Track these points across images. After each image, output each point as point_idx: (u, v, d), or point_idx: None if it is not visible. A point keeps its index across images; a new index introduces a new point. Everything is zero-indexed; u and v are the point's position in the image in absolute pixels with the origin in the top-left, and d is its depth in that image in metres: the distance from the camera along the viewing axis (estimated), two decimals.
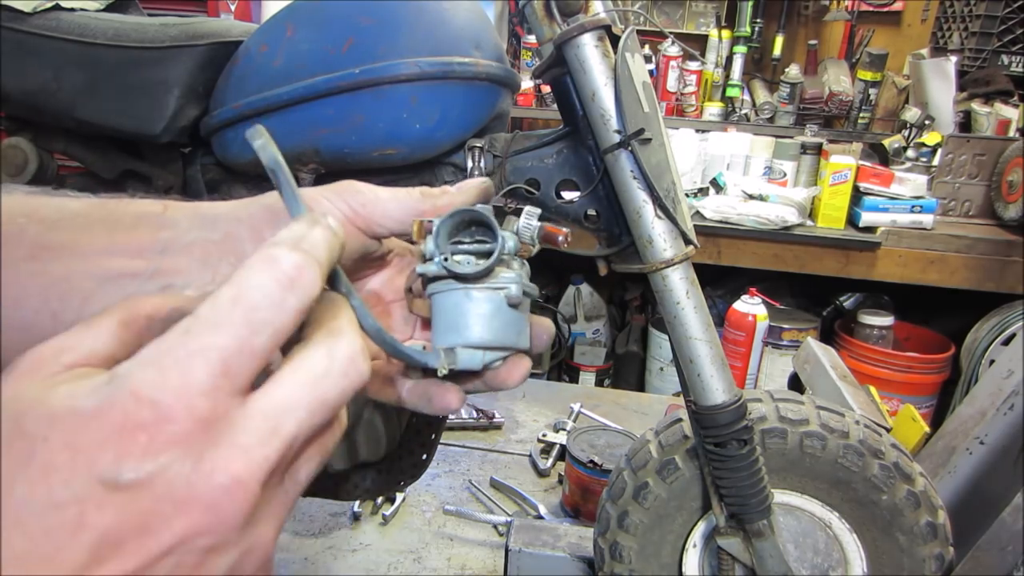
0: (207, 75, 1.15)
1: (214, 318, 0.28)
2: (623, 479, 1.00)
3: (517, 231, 0.48)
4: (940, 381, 2.52)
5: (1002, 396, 1.18)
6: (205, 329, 0.28)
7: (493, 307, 0.44)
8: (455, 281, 0.45)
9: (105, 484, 0.25)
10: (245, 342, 0.28)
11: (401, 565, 1.37)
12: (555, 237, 0.49)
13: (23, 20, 1.10)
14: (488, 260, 0.44)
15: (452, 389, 0.47)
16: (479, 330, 0.44)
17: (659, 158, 0.80)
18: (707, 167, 2.63)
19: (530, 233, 0.48)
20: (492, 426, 1.85)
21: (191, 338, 0.27)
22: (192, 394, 0.27)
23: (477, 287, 0.44)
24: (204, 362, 0.27)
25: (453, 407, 0.47)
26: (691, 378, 0.85)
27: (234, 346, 0.28)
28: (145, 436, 0.26)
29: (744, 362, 2.46)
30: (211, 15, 2.83)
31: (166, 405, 0.26)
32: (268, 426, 0.28)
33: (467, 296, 0.44)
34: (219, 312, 0.28)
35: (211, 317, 0.28)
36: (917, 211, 2.36)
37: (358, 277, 0.51)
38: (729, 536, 0.92)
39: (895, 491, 0.92)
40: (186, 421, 0.26)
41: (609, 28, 0.78)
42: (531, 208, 0.48)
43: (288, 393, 0.29)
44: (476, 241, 0.47)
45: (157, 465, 0.26)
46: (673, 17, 3.08)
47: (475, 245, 0.46)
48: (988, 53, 2.70)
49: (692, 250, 0.82)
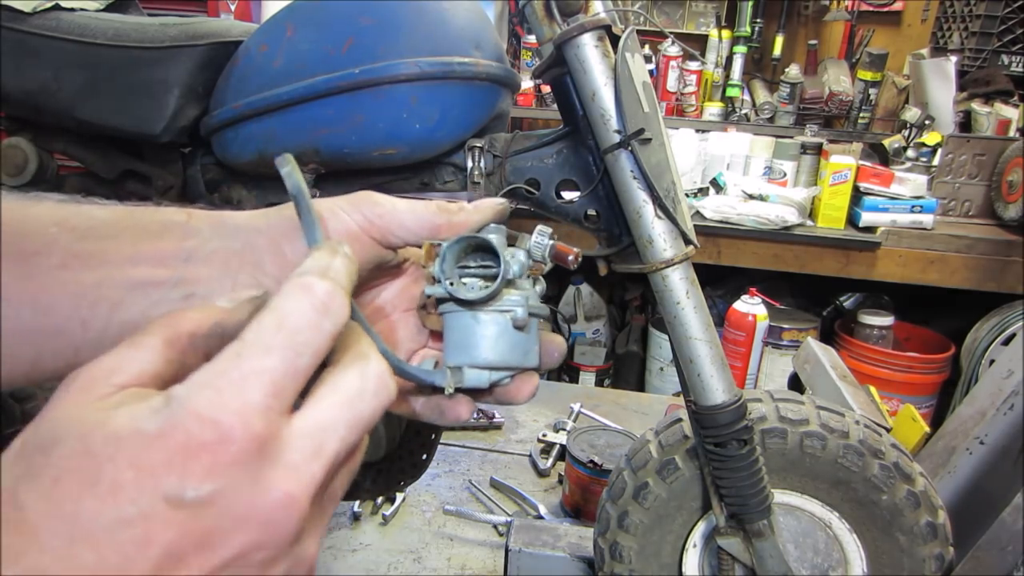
0: (207, 75, 1.15)
1: (262, 342, 0.30)
2: (623, 479, 1.00)
3: (529, 249, 0.48)
4: (940, 381, 2.52)
5: (1002, 396, 1.18)
6: (255, 352, 0.29)
7: (499, 329, 0.46)
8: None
9: (170, 502, 0.27)
10: (291, 364, 0.30)
11: (401, 565, 1.37)
12: (565, 257, 0.49)
13: (23, 20, 1.10)
14: (493, 284, 0.45)
15: (462, 401, 0.49)
16: (485, 351, 0.46)
17: (659, 158, 0.80)
18: (707, 167, 2.63)
19: (541, 252, 0.49)
20: (492, 426, 1.85)
21: (243, 361, 0.29)
22: (249, 414, 0.28)
23: (483, 310, 0.45)
24: (258, 383, 0.29)
25: (463, 418, 0.49)
26: (691, 378, 0.85)
27: (282, 368, 0.30)
28: (207, 456, 0.27)
29: (744, 362, 2.46)
30: (211, 15, 2.83)
31: (226, 425, 0.27)
32: (314, 444, 0.30)
33: (474, 318, 0.46)
34: (265, 336, 0.30)
35: (259, 341, 0.30)
36: (917, 211, 2.36)
37: (373, 285, 0.52)
38: (729, 536, 0.92)
39: (895, 491, 0.92)
40: (244, 441, 0.28)
41: (609, 28, 0.78)
42: (543, 227, 0.49)
43: (328, 413, 0.31)
44: (482, 266, 0.48)
45: (219, 484, 0.27)
46: (673, 17, 3.08)
47: (481, 269, 0.47)
48: (988, 53, 2.70)
49: (692, 250, 0.82)
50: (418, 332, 0.54)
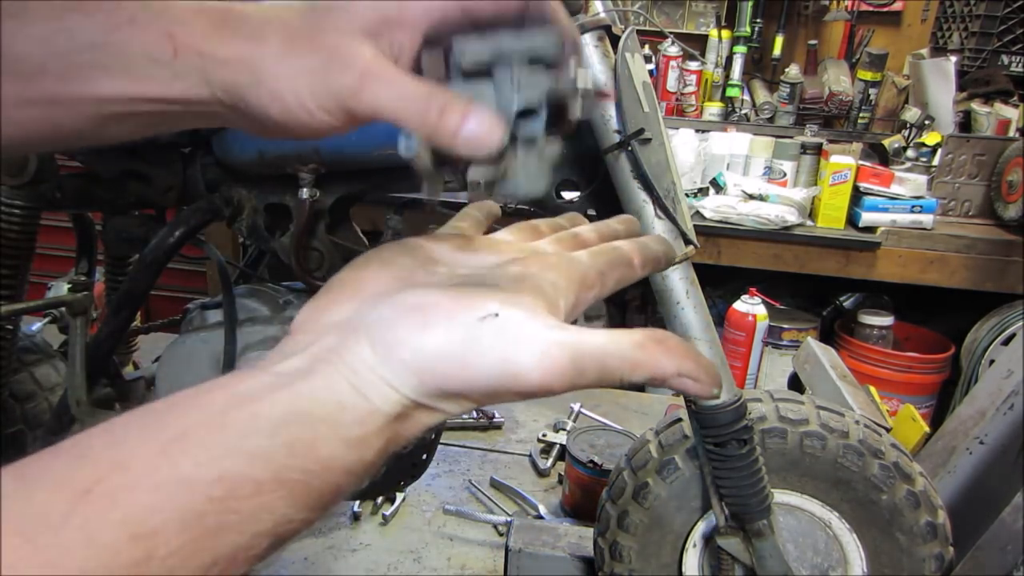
0: None
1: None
2: (623, 479, 1.00)
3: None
4: (940, 381, 2.52)
5: (1002, 396, 1.18)
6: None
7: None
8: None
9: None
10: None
11: (401, 565, 1.37)
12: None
13: None
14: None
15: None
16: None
17: (659, 158, 0.80)
18: (707, 167, 2.63)
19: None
20: (492, 426, 1.85)
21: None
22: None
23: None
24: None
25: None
26: None
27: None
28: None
29: (744, 362, 2.46)
30: None
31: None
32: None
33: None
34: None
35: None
36: (917, 211, 2.36)
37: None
38: (729, 536, 0.92)
39: (895, 491, 0.92)
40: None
41: (609, 28, 0.78)
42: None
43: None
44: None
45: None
46: (673, 17, 3.08)
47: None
48: (988, 53, 2.70)
49: (692, 250, 0.82)
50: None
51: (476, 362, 0.35)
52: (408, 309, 0.37)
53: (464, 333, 0.36)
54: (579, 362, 0.36)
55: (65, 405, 1.13)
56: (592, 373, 0.37)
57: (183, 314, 1.16)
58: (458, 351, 0.35)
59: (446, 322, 0.36)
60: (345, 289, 0.41)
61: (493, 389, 0.36)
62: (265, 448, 0.33)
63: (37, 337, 1.45)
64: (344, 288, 0.41)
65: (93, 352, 1.12)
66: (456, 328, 0.36)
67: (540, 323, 0.37)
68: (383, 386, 0.36)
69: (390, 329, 0.37)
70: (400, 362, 0.36)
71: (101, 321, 1.20)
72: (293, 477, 0.33)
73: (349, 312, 0.39)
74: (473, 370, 0.35)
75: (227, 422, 0.33)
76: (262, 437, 0.33)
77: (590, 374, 0.37)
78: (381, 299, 0.38)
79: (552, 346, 0.36)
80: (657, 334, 0.38)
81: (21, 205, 1.05)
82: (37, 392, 1.37)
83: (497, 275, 0.41)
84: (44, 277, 2.17)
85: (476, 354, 0.35)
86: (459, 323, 0.36)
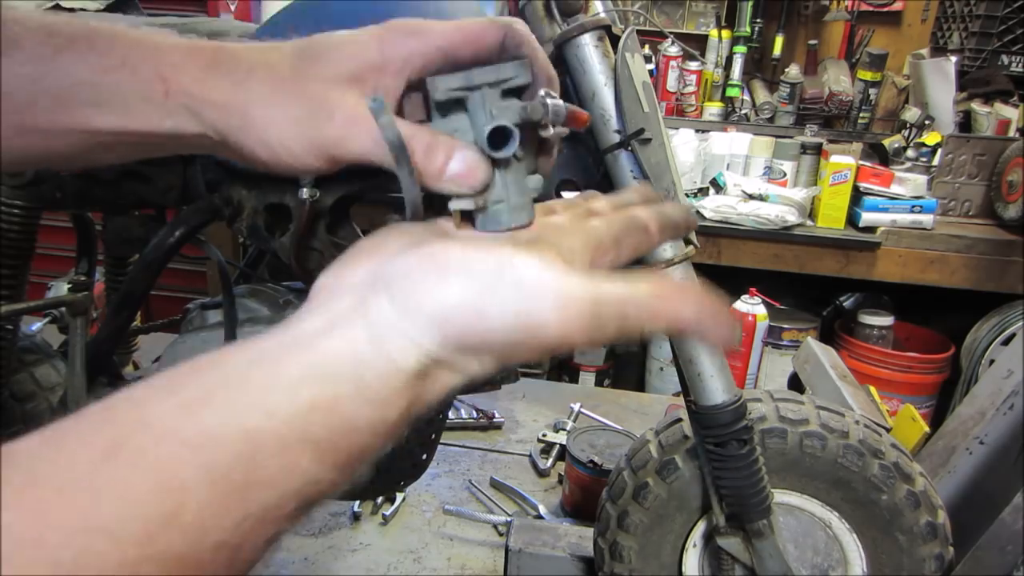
0: None
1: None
2: (623, 479, 1.00)
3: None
4: (940, 381, 2.52)
5: (1002, 396, 1.18)
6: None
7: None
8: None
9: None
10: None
11: (401, 565, 1.37)
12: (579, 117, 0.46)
13: None
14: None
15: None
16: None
17: (659, 158, 0.80)
18: (707, 167, 2.63)
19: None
20: (492, 426, 1.85)
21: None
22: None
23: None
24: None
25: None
26: (691, 378, 0.85)
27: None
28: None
29: (744, 362, 2.46)
30: (211, 15, 2.83)
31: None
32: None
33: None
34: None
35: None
36: (917, 211, 2.36)
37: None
38: (729, 536, 0.92)
39: (895, 491, 0.92)
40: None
41: (609, 28, 0.78)
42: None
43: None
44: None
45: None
46: (673, 17, 3.08)
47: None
48: (988, 53, 2.70)
49: (692, 250, 0.82)
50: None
51: (494, 312, 0.35)
52: (426, 260, 0.38)
53: (482, 284, 0.36)
54: (599, 312, 0.36)
55: (65, 405, 1.13)
56: (612, 324, 0.37)
57: (183, 314, 1.16)
58: (476, 301, 0.36)
59: (464, 272, 0.36)
60: (362, 254, 0.41)
61: (513, 341, 0.36)
62: (286, 406, 0.33)
63: (37, 337, 1.45)
64: (361, 253, 0.41)
65: (93, 352, 1.12)
66: (474, 278, 0.36)
67: (558, 273, 0.37)
68: (404, 341, 0.36)
69: (408, 280, 0.37)
70: (419, 313, 0.36)
71: (101, 321, 1.20)
72: (317, 434, 0.33)
73: (367, 273, 0.39)
74: (492, 320, 0.35)
75: (248, 381, 0.33)
76: (283, 394, 0.33)
77: (610, 325, 0.37)
78: (398, 256, 0.39)
79: (571, 297, 0.36)
80: (676, 282, 0.39)
81: (21, 205, 1.05)
82: (37, 392, 1.37)
83: (512, 240, 0.41)
84: (44, 277, 2.17)
85: (494, 305, 0.35)
86: (477, 273, 0.36)
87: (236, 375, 0.34)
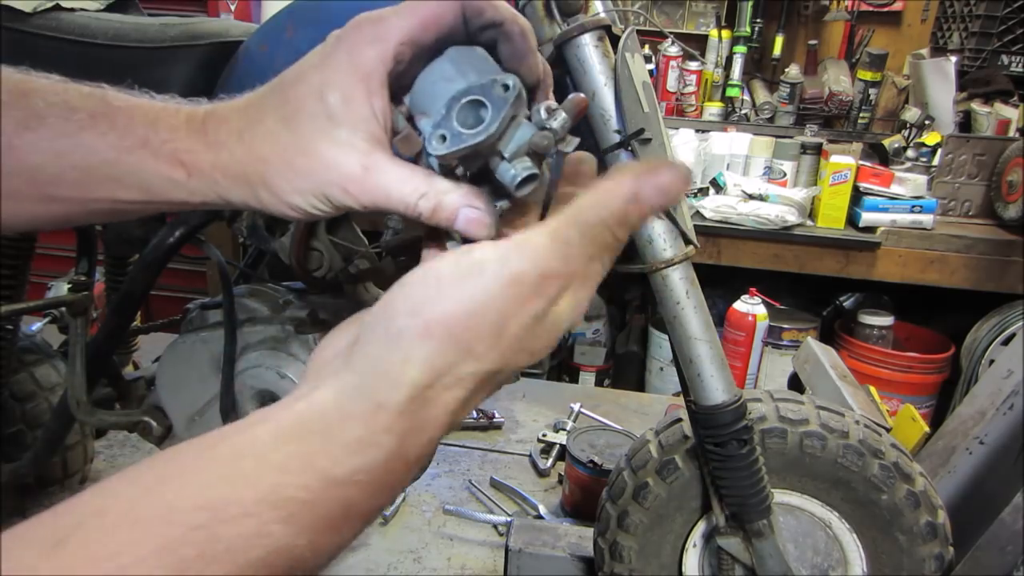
0: (207, 75, 1.15)
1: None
2: (623, 479, 1.00)
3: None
4: (940, 381, 2.52)
5: (1002, 396, 1.18)
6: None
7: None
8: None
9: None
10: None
11: (401, 565, 1.37)
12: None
13: (23, 20, 1.10)
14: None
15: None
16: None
17: (659, 158, 0.80)
18: (707, 167, 2.63)
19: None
20: (492, 426, 1.85)
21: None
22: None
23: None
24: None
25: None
26: (691, 378, 0.85)
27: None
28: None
29: (744, 362, 2.46)
30: (211, 15, 2.83)
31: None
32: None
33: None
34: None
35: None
36: (917, 211, 2.36)
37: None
38: (729, 536, 0.92)
39: (895, 491, 0.92)
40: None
41: (609, 28, 0.78)
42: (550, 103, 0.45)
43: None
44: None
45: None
46: (673, 17, 3.08)
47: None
48: (988, 53, 2.70)
49: (692, 250, 0.82)
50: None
51: (465, 296, 0.37)
52: (397, 291, 0.38)
53: (447, 280, 0.38)
54: (570, 235, 0.39)
55: (65, 405, 1.13)
56: (587, 244, 0.39)
57: (183, 314, 1.16)
58: (446, 294, 0.37)
59: (433, 280, 0.38)
60: (343, 325, 0.42)
61: (500, 314, 0.37)
62: (253, 470, 0.32)
63: (37, 337, 1.45)
64: (342, 325, 0.42)
65: (93, 352, 1.12)
66: (441, 280, 0.38)
67: (509, 243, 0.39)
68: (390, 375, 0.35)
69: (388, 312, 0.37)
70: (403, 335, 0.36)
71: (101, 321, 1.20)
72: (289, 495, 0.32)
73: (351, 335, 0.40)
74: (463, 304, 0.37)
75: (216, 454, 0.33)
76: (250, 461, 0.32)
77: (587, 246, 0.39)
78: (376, 306, 0.39)
79: (528, 241, 0.39)
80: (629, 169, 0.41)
81: None
82: (37, 392, 1.37)
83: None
84: (44, 277, 2.17)
85: (462, 290, 0.37)
86: (442, 275, 0.38)
87: (205, 449, 0.33)
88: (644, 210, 0.39)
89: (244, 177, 0.44)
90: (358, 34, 0.43)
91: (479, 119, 0.41)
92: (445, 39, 0.44)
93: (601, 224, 0.39)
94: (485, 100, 0.41)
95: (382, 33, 0.42)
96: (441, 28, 0.43)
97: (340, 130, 0.42)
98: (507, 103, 0.40)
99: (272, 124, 0.43)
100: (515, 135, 0.42)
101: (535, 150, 0.42)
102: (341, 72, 0.42)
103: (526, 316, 0.37)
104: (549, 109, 0.43)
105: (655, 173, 0.39)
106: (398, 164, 0.42)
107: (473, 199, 0.42)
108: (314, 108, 0.42)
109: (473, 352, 0.37)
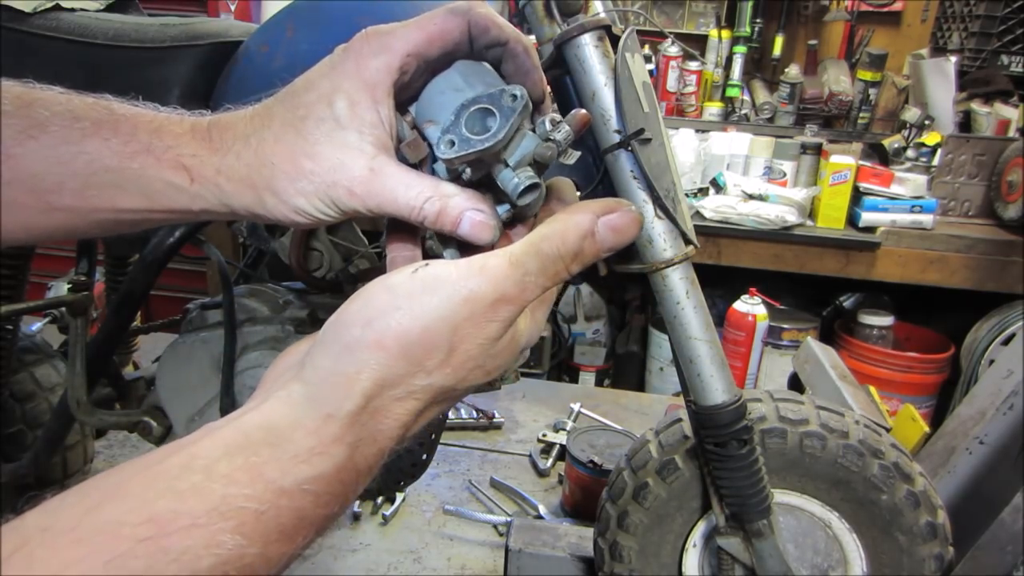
0: (207, 75, 1.15)
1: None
2: (623, 479, 1.00)
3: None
4: (940, 381, 2.52)
5: (1002, 396, 1.18)
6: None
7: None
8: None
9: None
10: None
11: (401, 565, 1.37)
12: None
13: (23, 20, 1.10)
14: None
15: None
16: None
17: (659, 158, 0.80)
18: (707, 167, 2.63)
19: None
20: (492, 426, 1.85)
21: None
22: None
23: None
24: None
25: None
26: (691, 378, 0.85)
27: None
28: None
29: (744, 362, 2.46)
30: (211, 15, 2.83)
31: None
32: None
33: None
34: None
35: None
36: (917, 211, 2.36)
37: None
38: (729, 536, 0.92)
39: (895, 491, 0.92)
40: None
41: (609, 28, 0.78)
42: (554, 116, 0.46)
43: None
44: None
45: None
46: (673, 17, 3.08)
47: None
48: (988, 53, 2.70)
49: (692, 250, 0.82)
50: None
51: (417, 308, 0.38)
52: (353, 304, 0.39)
53: (403, 291, 0.39)
54: (527, 264, 0.40)
55: (65, 405, 1.13)
56: (540, 274, 0.41)
57: (183, 314, 1.16)
58: (400, 304, 0.38)
59: (386, 290, 0.39)
60: (301, 341, 0.43)
61: (451, 324, 0.38)
62: (202, 482, 0.32)
63: (37, 337, 1.45)
64: (300, 342, 0.43)
65: (93, 352, 1.12)
66: (395, 291, 0.39)
67: (468, 261, 0.40)
68: (345, 382, 0.36)
69: (339, 325, 0.38)
70: (355, 347, 0.36)
71: (101, 321, 1.20)
72: (239, 505, 0.31)
73: (305, 348, 0.40)
74: (416, 317, 0.38)
75: (163, 468, 0.32)
76: (198, 473, 0.32)
77: (540, 275, 0.41)
78: (328, 321, 0.40)
79: (489, 262, 0.40)
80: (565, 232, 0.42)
81: None
82: (37, 392, 1.37)
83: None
84: (44, 277, 2.17)
85: (417, 301, 0.38)
86: (396, 286, 0.39)
87: (152, 464, 0.33)
88: (597, 249, 0.41)
89: (249, 181, 0.44)
90: (366, 45, 0.45)
91: (486, 127, 0.42)
92: (450, 55, 0.45)
93: (558, 257, 0.40)
94: (494, 108, 0.42)
95: (389, 45, 0.44)
96: (446, 44, 0.45)
97: (348, 134, 0.42)
98: (515, 112, 0.41)
99: (280, 128, 0.44)
100: (520, 145, 0.43)
101: (538, 160, 0.43)
102: (349, 80, 0.43)
103: (480, 336, 0.38)
104: (553, 121, 0.44)
105: (611, 213, 0.42)
106: (404, 168, 0.43)
107: (478, 203, 0.43)
108: (322, 113, 0.43)
109: (424, 367, 0.37)
